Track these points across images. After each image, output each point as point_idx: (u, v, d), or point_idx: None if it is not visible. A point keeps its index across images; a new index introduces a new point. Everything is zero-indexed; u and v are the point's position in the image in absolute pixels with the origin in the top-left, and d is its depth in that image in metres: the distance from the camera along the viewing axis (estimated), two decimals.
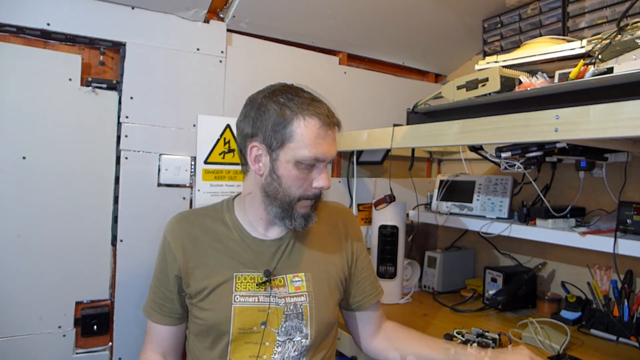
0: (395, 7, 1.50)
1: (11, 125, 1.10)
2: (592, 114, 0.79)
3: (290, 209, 0.92)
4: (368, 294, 1.09)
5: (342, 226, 1.08)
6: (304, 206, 0.93)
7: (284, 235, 1.01)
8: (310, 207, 0.95)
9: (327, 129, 0.90)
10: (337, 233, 1.06)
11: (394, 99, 1.78)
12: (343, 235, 1.07)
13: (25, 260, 1.12)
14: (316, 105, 0.91)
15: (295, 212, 0.93)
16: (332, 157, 0.92)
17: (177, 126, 1.32)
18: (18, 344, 1.11)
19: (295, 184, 0.91)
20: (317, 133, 0.89)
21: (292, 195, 0.91)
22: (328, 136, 0.90)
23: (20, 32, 1.12)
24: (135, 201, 1.25)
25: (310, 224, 0.96)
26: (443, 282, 1.66)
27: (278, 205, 0.92)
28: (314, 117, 0.89)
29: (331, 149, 0.91)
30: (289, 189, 0.91)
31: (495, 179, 1.46)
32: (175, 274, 0.97)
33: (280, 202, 0.92)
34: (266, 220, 0.98)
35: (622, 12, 1.06)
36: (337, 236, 1.06)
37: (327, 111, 0.91)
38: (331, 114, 0.92)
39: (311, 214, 0.96)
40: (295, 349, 0.94)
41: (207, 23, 1.35)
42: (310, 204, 0.94)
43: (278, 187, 0.91)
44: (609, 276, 1.27)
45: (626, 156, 1.24)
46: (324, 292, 0.99)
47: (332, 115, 0.92)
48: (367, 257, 1.13)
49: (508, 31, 1.54)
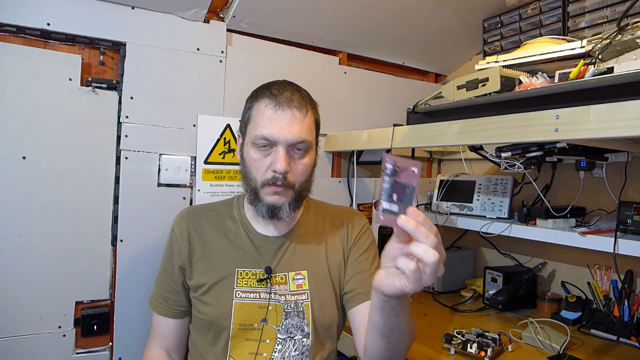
0: (395, 7, 1.50)
1: (11, 125, 1.10)
2: (592, 114, 0.79)
3: (257, 194, 0.93)
4: (356, 292, 1.00)
5: (346, 226, 1.07)
6: (268, 193, 0.92)
7: (288, 232, 1.01)
8: (276, 194, 0.91)
9: (277, 109, 0.90)
10: (340, 232, 1.06)
11: (394, 99, 1.78)
12: (345, 234, 1.06)
13: (25, 260, 1.12)
14: (277, 88, 0.93)
15: (262, 198, 0.92)
16: (286, 140, 0.89)
17: (177, 126, 1.32)
18: (18, 344, 1.11)
19: (254, 167, 0.92)
20: (267, 113, 0.90)
21: (255, 179, 0.93)
22: (279, 117, 0.90)
23: (20, 32, 1.12)
24: (135, 201, 1.25)
25: (280, 215, 0.92)
26: (443, 282, 1.66)
27: (249, 190, 0.95)
28: (266, 98, 0.92)
29: (283, 130, 0.89)
30: (251, 173, 0.93)
31: (496, 179, 1.46)
32: (179, 265, 0.99)
33: (249, 187, 0.94)
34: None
35: (622, 12, 1.06)
36: (339, 236, 1.06)
37: (288, 94, 0.91)
38: (291, 97, 0.91)
39: (281, 205, 0.92)
40: (296, 349, 0.94)
41: (207, 23, 1.35)
42: (274, 190, 0.91)
43: (246, 172, 0.95)
44: (609, 276, 1.27)
45: (626, 156, 1.24)
46: (326, 291, 0.99)
47: (292, 99, 0.91)
48: (367, 256, 1.05)
49: (508, 31, 1.54)
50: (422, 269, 0.60)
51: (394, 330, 0.79)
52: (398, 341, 0.82)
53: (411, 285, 0.62)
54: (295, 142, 0.90)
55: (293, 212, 0.95)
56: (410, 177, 0.61)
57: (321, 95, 1.06)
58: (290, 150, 0.91)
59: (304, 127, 0.91)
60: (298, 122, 0.91)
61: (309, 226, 1.05)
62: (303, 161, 0.93)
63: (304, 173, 0.94)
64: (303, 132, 0.91)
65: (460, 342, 1.11)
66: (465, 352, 1.09)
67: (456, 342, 1.12)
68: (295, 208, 0.95)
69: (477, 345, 1.09)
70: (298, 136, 0.90)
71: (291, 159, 0.92)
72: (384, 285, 0.67)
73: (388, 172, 0.61)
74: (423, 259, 0.59)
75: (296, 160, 0.92)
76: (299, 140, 0.90)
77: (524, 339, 1.20)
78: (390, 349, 0.83)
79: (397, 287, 0.64)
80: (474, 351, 1.08)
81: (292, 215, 0.95)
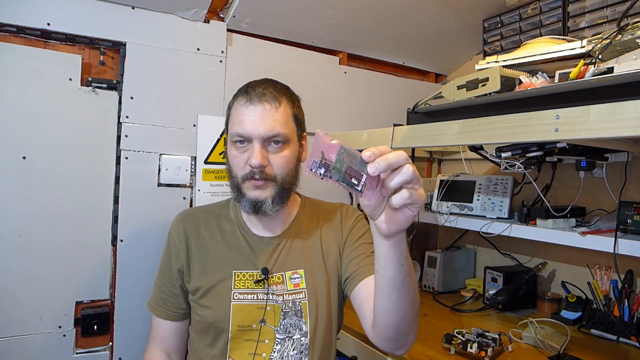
0: (395, 7, 1.50)
1: (11, 125, 1.11)
2: (592, 114, 0.79)
3: (240, 190, 0.93)
4: (355, 272, 0.98)
5: (340, 219, 1.06)
6: (249, 188, 0.92)
7: (283, 232, 1.01)
8: (257, 189, 0.91)
9: (249, 104, 0.90)
10: (334, 227, 1.05)
11: (394, 99, 1.78)
12: (339, 228, 1.05)
13: (25, 260, 1.12)
14: (252, 86, 0.94)
15: (244, 194, 0.93)
16: (259, 134, 0.89)
17: (177, 126, 1.32)
18: (18, 344, 1.11)
19: (234, 164, 0.93)
20: (241, 110, 0.91)
21: (236, 176, 0.93)
22: (251, 112, 0.90)
23: (20, 32, 1.12)
24: (135, 201, 1.25)
25: (264, 209, 0.92)
26: (443, 282, 1.66)
27: (233, 187, 0.96)
28: (241, 96, 0.93)
29: (255, 124, 0.89)
30: (233, 170, 0.94)
31: (496, 179, 1.46)
32: (178, 268, 0.99)
33: (233, 184, 0.95)
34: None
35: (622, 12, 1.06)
36: (334, 230, 1.05)
37: (261, 89, 0.92)
38: (264, 91, 0.91)
39: (263, 199, 0.92)
40: (295, 348, 0.94)
41: (207, 23, 1.35)
42: (254, 185, 0.91)
43: (229, 171, 0.96)
44: (609, 276, 1.27)
45: (626, 156, 1.24)
46: (323, 289, 0.99)
47: (264, 93, 0.91)
48: (363, 241, 1.02)
49: (508, 31, 1.54)
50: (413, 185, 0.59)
51: (408, 277, 0.75)
52: (412, 291, 0.78)
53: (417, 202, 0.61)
54: (269, 136, 0.90)
55: (278, 207, 0.93)
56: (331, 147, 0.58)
57: (321, 95, 1.06)
58: (267, 145, 0.91)
59: (278, 120, 0.91)
60: (270, 115, 0.90)
61: (303, 225, 1.04)
62: (281, 154, 0.92)
63: (284, 166, 0.93)
64: (277, 125, 0.90)
65: (460, 342, 1.11)
66: (465, 352, 1.09)
67: (456, 342, 1.12)
68: (280, 202, 0.94)
69: (477, 345, 1.09)
70: (271, 129, 0.90)
71: (269, 153, 0.91)
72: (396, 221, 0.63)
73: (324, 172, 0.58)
74: (406, 179, 0.58)
75: (274, 154, 0.92)
76: (272, 133, 0.90)
77: (524, 339, 1.20)
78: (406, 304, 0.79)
79: (409, 214, 0.62)
80: (474, 351, 1.08)
81: (277, 209, 0.94)
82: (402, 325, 0.82)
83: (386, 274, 0.75)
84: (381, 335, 0.85)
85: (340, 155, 0.59)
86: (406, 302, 0.79)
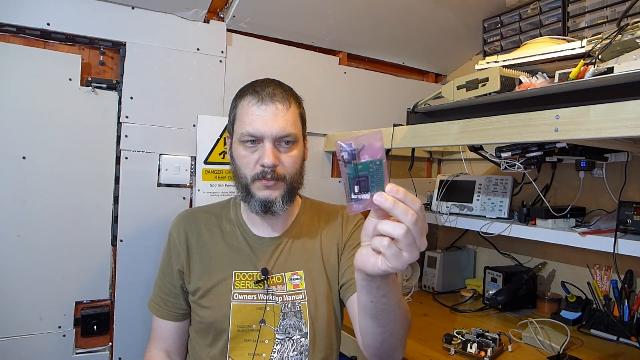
0: (395, 7, 1.50)
1: (11, 125, 1.10)
2: (592, 114, 0.79)
3: (248, 190, 0.93)
4: (351, 282, 0.97)
5: (340, 222, 1.07)
6: (259, 188, 0.92)
7: (284, 233, 1.01)
8: (267, 189, 0.92)
9: (260, 104, 0.91)
10: (335, 229, 1.06)
11: (394, 99, 1.78)
12: (340, 231, 1.06)
13: (25, 260, 1.12)
14: (259, 85, 0.94)
15: (254, 194, 0.93)
16: (271, 134, 0.90)
17: (177, 126, 1.32)
18: (18, 344, 1.11)
19: (243, 164, 0.93)
20: (251, 110, 0.91)
21: (245, 176, 0.93)
22: (263, 111, 0.91)
23: (20, 32, 1.12)
24: (135, 201, 1.25)
25: (274, 208, 0.92)
26: (443, 282, 1.66)
27: (240, 188, 0.95)
28: (249, 95, 0.93)
29: (268, 124, 0.90)
30: (241, 170, 0.94)
31: (496, 179, 1.46)
32: (178, 268, 0.99)
33: (240, 184, 0.95)
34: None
35: (622, 12, 1.06)
36: (334, 232, 1.05)
37: (270, 89, 0.92)
38: (274, 91, 0.92)
39: (273, 199, 0.92)
40: (295, 349, 0.94)
41: (207, 23, 1.35)
42: (265, 184, 0.91)
43: (236, 170, 0.96)
44: (609, 276, 1.27)
45: (626, 156, 1.24)
46: (322, 291, 0.99)
47: (274, 93, 0.92)
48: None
49: (508, 31, 1.54)
50: (399, 245, 0.57)
51: (384, 312, 0.74)
52: (390, 323, 0.77)
53: (392, 264, 0.58)
54: (281, 136, 0.91)
55: (287, 206, 0.94)
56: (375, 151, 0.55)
57: (321, 95, 1.06)
58: (277, 144, 0.92)
59: (289, 120, 0.92)
60: (282, 115, 0.91)
61: (304, 226, 1.05)
62: (291, 154, 0.94)
63: (293, 165, 0.95)
64: (288, 125, 0.92)
65: (460, 342, 1.11)
66: (465, 352, 1.09)
67: (456, 342, 1.12)
68: (289, 202, 0.95)
69: (477, 345, 1.09)
70: (283, 129, 0.91)
71: (279, 153, 0.92)
72: (365, 265, 0.62)
73: (347, 159, 0.56)
74: (392, 234, 0.56)
75: (284, 154, 0.93)
76: (284, 133, 0.91)
77: (524, 339, 1.20)
78: (385, 332, 0.78)
79: (378, 267, 0.60)
80: (474, 351, 1.08)
81: (286, 209, 0.95)
82: (382, 349, 0.83)
83: (360, 300, 0.74)
84: (365, 350, 0.87)
85: (370, 164, 0.57)
86: (385, 331, 0.78)
